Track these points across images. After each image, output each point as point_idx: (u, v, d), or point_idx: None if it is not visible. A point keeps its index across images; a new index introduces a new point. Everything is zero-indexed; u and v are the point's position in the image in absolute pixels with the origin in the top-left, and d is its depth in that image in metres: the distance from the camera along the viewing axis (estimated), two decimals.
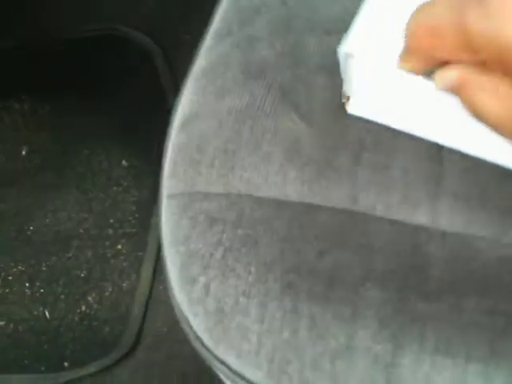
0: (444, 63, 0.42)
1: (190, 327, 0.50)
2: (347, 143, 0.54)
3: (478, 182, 0.52)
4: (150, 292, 1.05)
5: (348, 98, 0.53)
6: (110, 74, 1.26)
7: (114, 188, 1.17)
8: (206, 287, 0.49)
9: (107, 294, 1.08)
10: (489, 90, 0.41)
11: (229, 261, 0.49)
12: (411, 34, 0.42)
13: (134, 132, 1.20)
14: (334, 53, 0.57)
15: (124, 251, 1.12)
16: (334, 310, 0.47)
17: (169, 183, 0.54)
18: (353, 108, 0.54)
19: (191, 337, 0.50)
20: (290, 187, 0.52)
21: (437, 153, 0.52)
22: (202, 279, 0.50)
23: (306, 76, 0.56)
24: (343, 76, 0.50)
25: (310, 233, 0.50)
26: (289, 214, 0.51)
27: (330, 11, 0.60)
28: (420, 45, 0.42)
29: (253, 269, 0.49)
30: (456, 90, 0.42)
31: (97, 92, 1.25)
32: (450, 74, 0.42)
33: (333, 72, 0.56)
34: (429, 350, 0.46)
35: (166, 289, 0.53)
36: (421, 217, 0.51)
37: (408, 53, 0.44)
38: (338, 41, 0.58)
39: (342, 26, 0.58)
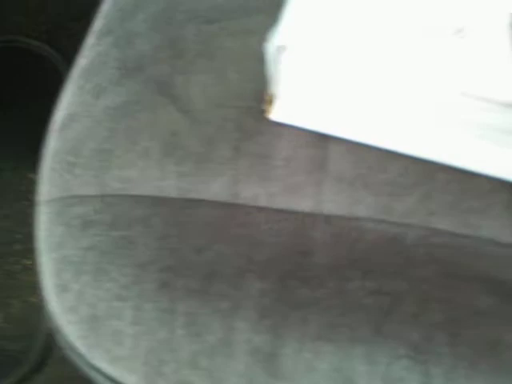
0: None
1: (64, 336, 0.48)
2: (227, 133, 0.52)
3: (362, 164, 0.52)
4: None
5: (271, 103, 0.51)
6: (14, 87, 1.23)
7: (23, 203, 1.14)
8: (79, 294, 0.48)
9: (14, 310, 1.04)
10: None
11: (103, 264, 0.47)
12: None
13: (39, 144, 1.17)
14: (215, 39, 0.56)
15: (32, 266, 1.08)
16: (212, 305, 0.46)
17: (44, 189, 0.52)
18: (276, 113, 0.52)
19: (65, 345, 0.48)
20: (169, 182, 0.50)
21: (322, 138, 0.51)
22: (75, 286, 0.48)
23: (185, 66, 0.55)
24: (270, 75, 0.48)
25: (188, 229, 0.48)
26: (167, 210, 0.49)
27: (212, 1, 0.58)
28: None
29: (128, 270, 0.47)
30: None
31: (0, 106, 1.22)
32: None
33: (212, 59, 0.54)
34: (311, 337, 0.45)
35: None
36: (305, 203, 0.50)
37: None
38: (220, 28, 0.57)
39: (223, 13, 0.57)
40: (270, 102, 0.51)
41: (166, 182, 0.51)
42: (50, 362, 0.96)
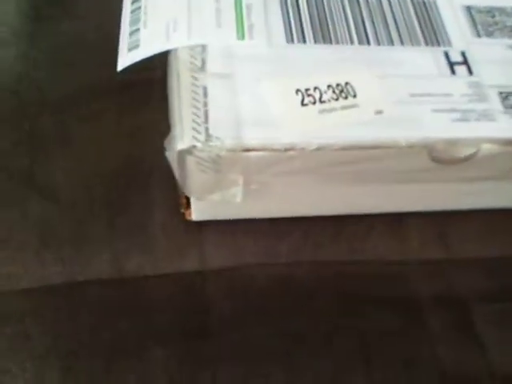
0: None
1: None
2: (97, 212, 0.53)
3: None
4: None
5: (188, 205, 0.51)
6: None
7: None
8: None
9: None
10: None
11: (2, 364, 0.46)
12: None
13: None
14: (68, 127, 0.56)
15: None
16: (118, 382, 0.45)
17: None
18: (196, 214, 0.52)
19: None
20: (51, 270, 0.50)
21: None
22: None
23: (45, 157, 0.55)
24: (179, 179, 0.48)
25: (80, 312, 0.48)
26: (55, 298, 0.49)
27: (61, 91, 0.60)
28: None
29: (28, 365, 0.46)
30: None
31: None
32: None
33: (69, 145, 0.56)
34: None
35: None
36: (190, 263, 0.51)
37: None
38: (70, 116, 0.57)
39: (72, 101, 0.58)
40: (187, 204, 0.51)
41: (48, 271, 0.50)
42: None
